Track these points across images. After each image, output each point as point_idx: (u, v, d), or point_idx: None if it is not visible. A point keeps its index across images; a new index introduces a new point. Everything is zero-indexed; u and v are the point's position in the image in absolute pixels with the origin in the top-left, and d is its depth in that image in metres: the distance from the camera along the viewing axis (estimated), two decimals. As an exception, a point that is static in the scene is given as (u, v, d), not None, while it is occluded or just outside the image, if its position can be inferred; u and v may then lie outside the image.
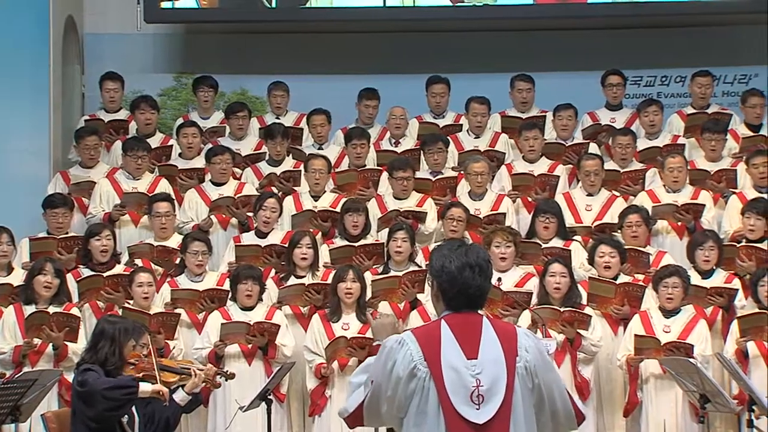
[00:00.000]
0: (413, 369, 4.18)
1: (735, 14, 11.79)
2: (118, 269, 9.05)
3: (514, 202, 9.81)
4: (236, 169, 10.26)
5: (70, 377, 8.10)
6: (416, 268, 8.84)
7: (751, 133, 10.50)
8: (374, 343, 4.63)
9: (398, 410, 4.22)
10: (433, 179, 9.97)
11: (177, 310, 8.66)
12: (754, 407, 7.25)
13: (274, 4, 11.67)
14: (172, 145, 10.69)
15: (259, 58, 12.02)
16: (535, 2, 11.77)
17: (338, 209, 9.48)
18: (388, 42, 11.98)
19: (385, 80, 11.41)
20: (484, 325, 4.25)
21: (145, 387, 6.41)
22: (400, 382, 4.19)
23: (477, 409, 4.15)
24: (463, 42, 11.97)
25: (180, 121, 11.12)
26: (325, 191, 9.87)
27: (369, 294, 8.71)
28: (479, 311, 4.29)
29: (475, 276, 4.24)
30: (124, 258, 9.32)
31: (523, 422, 4.19)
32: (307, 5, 11.68)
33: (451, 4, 11.63)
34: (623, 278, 8.78)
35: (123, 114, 11.14)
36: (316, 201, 9.78)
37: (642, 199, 9.69)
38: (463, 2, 11.59)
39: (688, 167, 9.86)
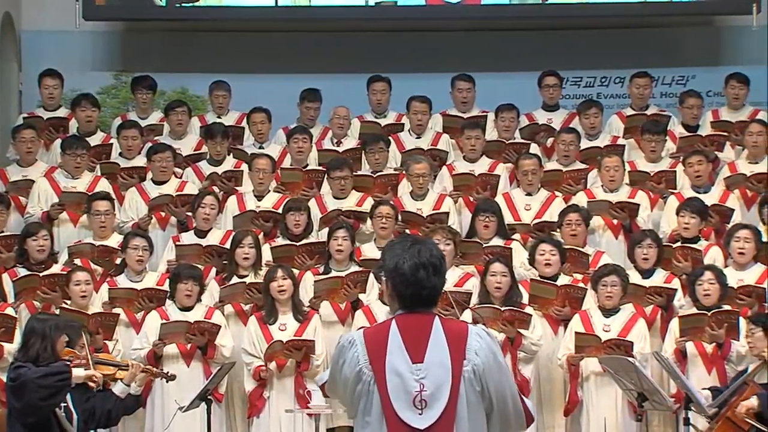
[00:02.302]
0: (359, 372, 4.19)
1: (674, 16, 11.92)
2: (56, 269, 8.95)
3: (455, 202, 9.84)
4: (177, 169, 10.19)
5: (5, 377, 8.03)
6: (358, 269, 8.85)
7: (688, 134, 10.62)
8: None
9: (350, 408, 4.25)
10: (374, 176, 9.98)
11: (115, 310, 8.59)
12: (691, 406, 7.33)
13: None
14: (112, 144, 10.59)
15: (201, 57, 11.96)
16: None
17: (280, 210, 9.45)
18: (331, 42, 11.96)
19: (327, 80, 11.39)
20: (434, 327, 4.22)
21: (78, 372, 6.39)
22: (348, 383, 4.22)
23: (419, 414, 4.14)
24: (405, 42, 11.99)
25: (119, 120, 11.02)
26: (269, 191, 9.83)
27: (311, 294, 8.72)
28: (432, 310, 4.27)
29: (429, 276, 4.21)
30: (63, 257, 9.22)
31: (468, 427, 4.16)
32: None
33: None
34: (564, 279, 8.83)
35: (62, 112, 11.02)
36: (259, 201, 9.74)
37: (579, 199, 9.75)
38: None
39: (628, 168, 9.96)
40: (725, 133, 10.52)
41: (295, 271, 8.72)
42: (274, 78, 11.87)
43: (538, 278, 8.77)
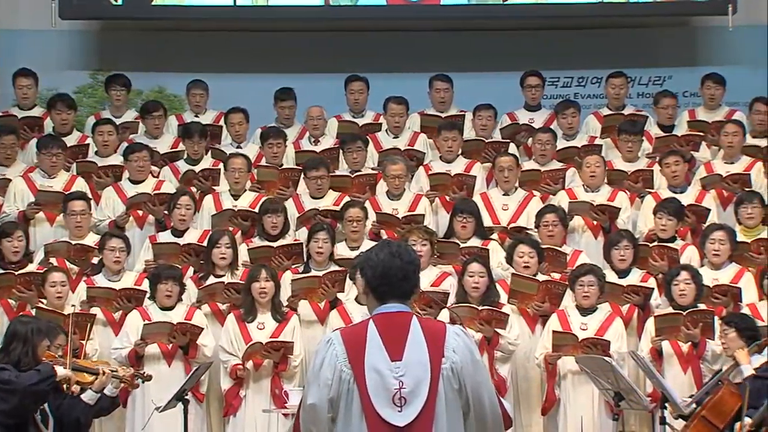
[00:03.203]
0: (338, 371, 4.21)
1: (650, 17, 11.97)
2: (31, 267, 8.92)
3: (432, 202, 9.85)
4: (154, 168, 10.17)
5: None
6: (337, 268, 8.85)
7: (664, 134, 10.67)
8: None
9: (329, 412, 4.23)
10: (352, 176, 9.98)
11: (93, 309, 8.56)
12: (666, 405, 7.37)
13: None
14: (88, 144, 10.56)
15: (178, 56, 11.92)
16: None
17: (257, 209, 9.45)
18: (309, 42, 11.95)
19: (305, 80, 11.39)
20: (412, 325, 4.25)
21: (59, 370, 6.41)
22: (329, 384, 4.21)
23: (399, 411, 4.17)
24: (383, 42, 11.99)
25: (93, 119, 10.98)
26: (245, 190, 9.82)
27: (289, 293, 8.71)
28: (408, 305, 4.30)
29: (394, 258, 4.27)
30: (39, 256, 9.19)
31: (447, 425, 4.19)
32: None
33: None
34: (541, 278, 8.85)
35: (37, 111, 10.98)
36: (236, 200, 9.73)
37: (560, 198, 9.78)
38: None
39: (606, 167, 10.00)
40: (701, 134, 10.57)
41: (276, 272, 8.73)
42: (252, 77, 11.84)
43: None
